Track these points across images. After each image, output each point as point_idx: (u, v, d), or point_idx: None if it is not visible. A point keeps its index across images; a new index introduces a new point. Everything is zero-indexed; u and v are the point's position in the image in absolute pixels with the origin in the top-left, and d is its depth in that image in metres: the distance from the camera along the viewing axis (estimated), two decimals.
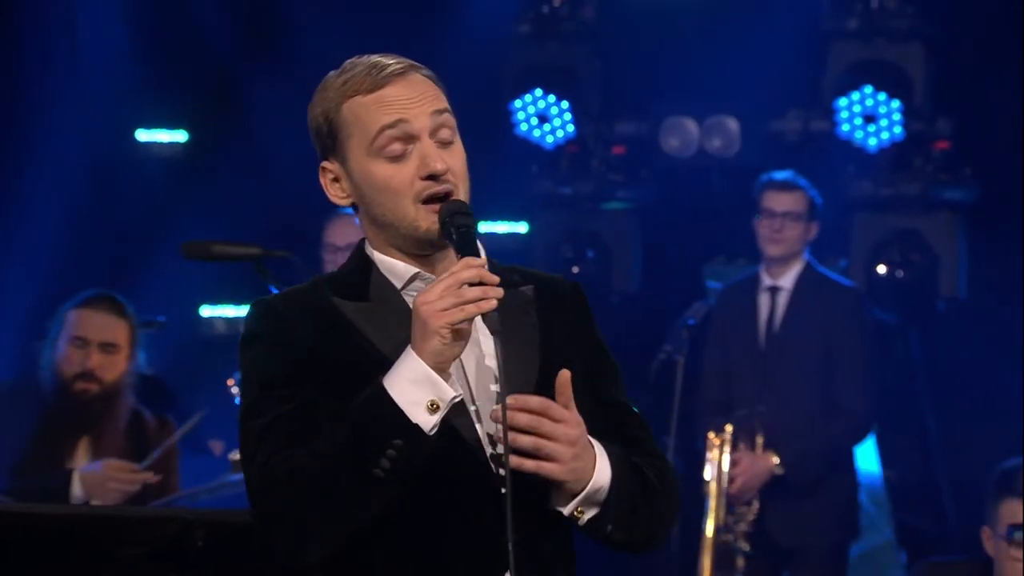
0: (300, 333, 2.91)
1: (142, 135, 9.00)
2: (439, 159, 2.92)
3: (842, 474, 7.11)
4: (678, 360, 6.94)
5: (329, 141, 2.98)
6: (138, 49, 8.48)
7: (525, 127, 8.72)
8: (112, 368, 5.76)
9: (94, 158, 8.47)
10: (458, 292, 2.78)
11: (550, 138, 8.74)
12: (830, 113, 8.31)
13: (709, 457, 6.93)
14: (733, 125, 8.42)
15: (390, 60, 2.96)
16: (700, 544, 6.85)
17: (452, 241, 2.89)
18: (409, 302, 2.90)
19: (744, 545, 6.92)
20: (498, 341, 2.81)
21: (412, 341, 2.81)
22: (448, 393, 2.80)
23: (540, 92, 8.69)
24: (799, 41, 8.21)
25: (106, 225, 8.56)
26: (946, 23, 8.31)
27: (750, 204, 7.27)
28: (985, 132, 8.18)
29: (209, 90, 8.79)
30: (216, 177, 8.45)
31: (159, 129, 9.01)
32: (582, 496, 2.88)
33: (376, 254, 2.99)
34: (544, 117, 8.72)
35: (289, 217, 7.74)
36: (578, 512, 2.90)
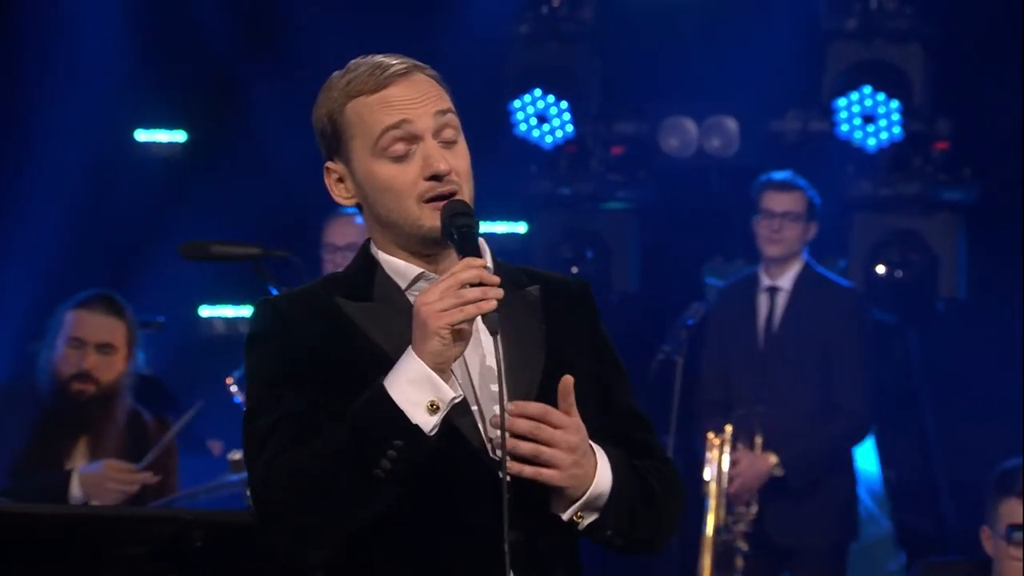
0: (304, 333, 2.91)
1: (141, 135, 9.00)
2: (442, 159, 2.91)
3: (841, 475, 7.11)
4: (677, 360, 6.93)
5: (333, 141, 2.98)
6: (137, 49, 8.48)
7: (524, 127, 8.72)
8: (109, 369, 5.75)
9: (93, 158, 8.46)
10: (458, 293, 2.77)
11: (549, 138, 8.74)
12: (829, 113, 8.31)
13: (709, 457, 6.93)
14: (732, 125, 8.41)
15: (394, 60, 2.96)
16: (700, 544, 6.85)
17: (453, 241, 2.88)
18: (413, 302, 2.90)
19: (743, 545, 6.92)
20: (497, 342, 2.81)
21: (412, 342, 2.81)
22: (448, 394, 2.80)
23: (539, 92, 8.69)
24: (798, 41, 8.21)
25: (105, 225, 8.56)
26: (945, 23, 8.31)
27: (749, 204, 7.27)
28: (984, 132, 8.17)
29: (208, 90, 8.79)
30: (215, 177, 8.44)
31: (158, 129, 9.01)
32: (581, 502, 2.88)
33: (381, 254, 2.99)
34: (543, 117, 8.71)
35: (288, 217, 7.74)
36: (577, 517, 2.89)
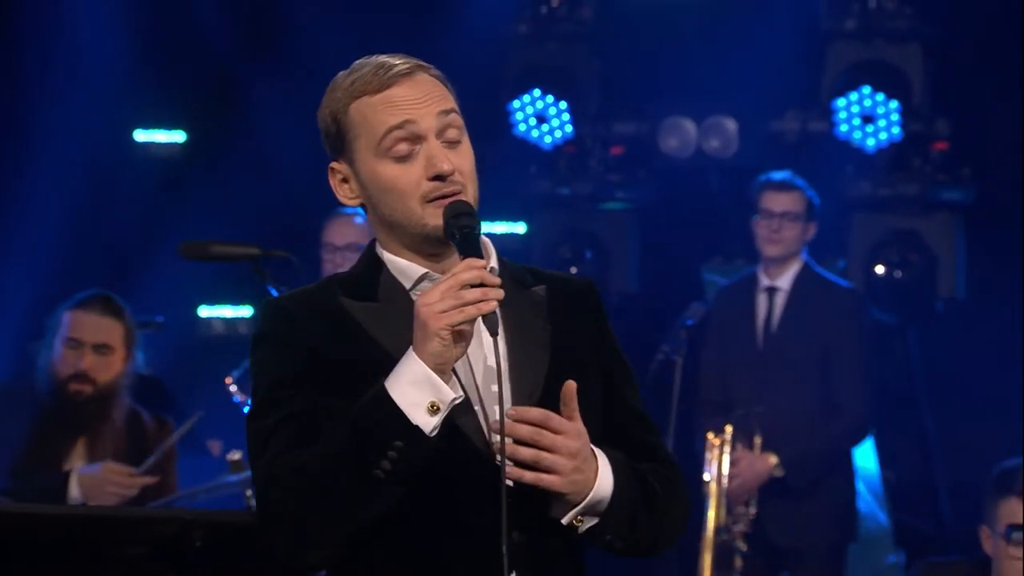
0: (308, 333, 2.91)
1: (140, 135, 9.00)
2: (445, 160, 2.91)
3: (840, 475, 7.11)
4: (676, 360, 6.93)
5: (337, 142, 2.98)
6: (137, 49, 8.48)
7: (523, 127, 8.71)
8: (107, 369, 5.74)
9: (93, 158, 8.46)
10: (458, 294, 2.77)
11: (548, 138, 8.74)
12: (828, 113, 8.31)
13: (708, 457, 6.93)
14: (731, 125, 8.41)
15: (397, 60, 2.96)
16: (700, 544, 6.85)
17: (455, 242, 2.88)
18: None
19: (742, 545, 6.92)
20: (497, 343, 2.81)
21: (413, 343, 2.81)
22: (448, 395, 2.80)
23: (538, 92, 8.68)
24: (797, 41, 8.21)
25: (104, 225, 8.56)
26: (944, 23, 8.31)
27: (748, 204, 7.27)
28: (983, 132, 8.17)
29: (208, 90, 8.79)
30: (214, 177, 8.44)
31: (157, 129, 9.00)
32: (581, 507, 2.87)
33: (386, 254, 2.99)
34: (542, 117, 8.71)
35: (288, 217, 7.74)
36: (577, 521, 2.89)
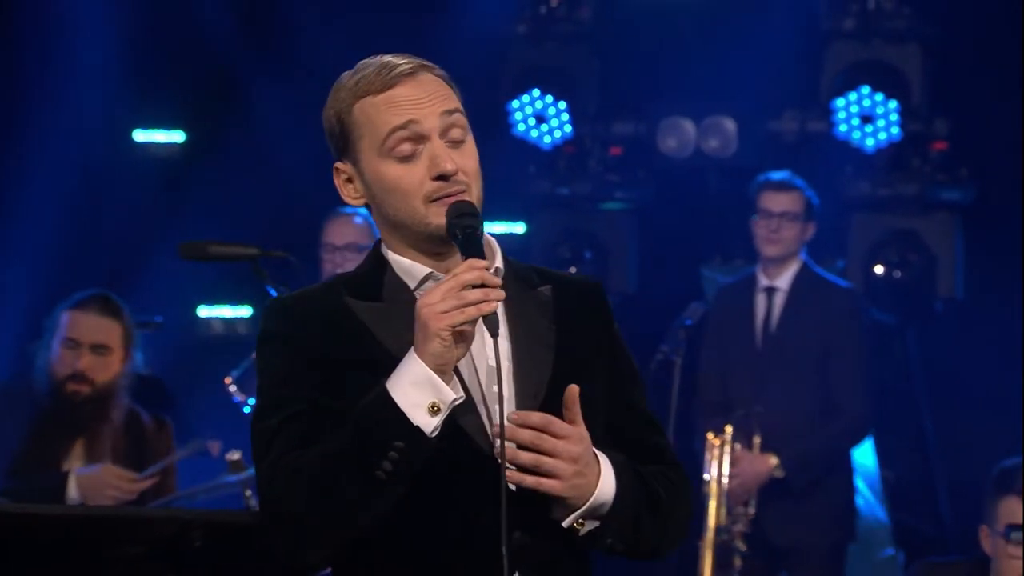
0: (313, 333, 2.91)
1: (139, 135, 8.99)
2: (449, 159, 2.91)
3: (839, 475, 7.11)
4: (675, 361, 6.92)
5: (341, 142, 2.98)
6: (136, 49, 8.47)
7: (523, 127, 8.71)
8: (104, 369, 5.73)
9: (91, 158, 8.46)
10: (459, 294, 2.77)
11: (547, 138, 8.73)
12: (827, 113, 8.30)
13: (708, 457, 6.93)
14: (730, 125, 8.41)
15: (401, 60, 2.96)
16: (700, 544, 6.85)
17: (457, 242, 2.88)
18: None
19: (741, 545, 6.92)
20: (498, 344, 2.81)
21: (414, 343, 2.81)
22: (448, 396, 2.80)
23: (537, 92, 8.68)
24: (796, 41, 8.21)
25: (103, 225, 8.55)
26: (943, 23, 8.31)
27: (747, 204, 7.27)
28: (982, 132, 8.17)
29: (207, 90, 8.78)
30: (213, 177, 8.44)
31: (156, 129, 9.00)
32: (581, 511, 2.87)
33: (391, 254, 2.99)
34: (541, 117, 8.71)
35: (287, 217, 7.74)
36: (578, 524, 2.89)
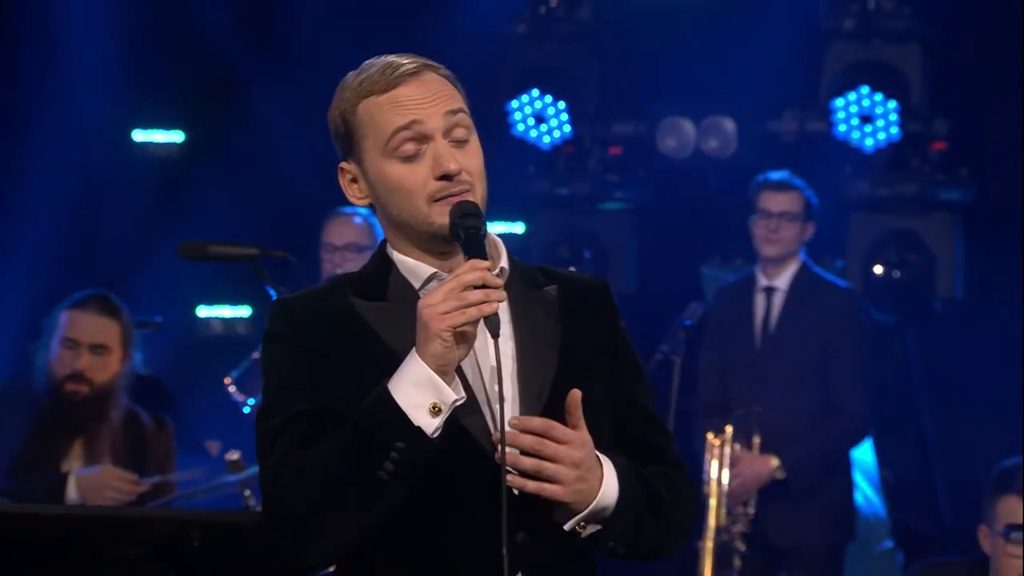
0: (317, 333, 2.91)
1: (138, 135, 8.99)
2: (452, 159, 2.91)
3: (839, 476, 7.10)
4: (675, 361, 6.92)
5: (346, 142, 2.98)
6: (136, 49, 8.47)
7: (522, 127, 8.71)
8: (103, 369, 5.73)
9: (91, 158, 8.46)
10: (460, 295, 2.77)
11: (547, 138, 8.74)
12: (827, 113, 8.31)
13: (708, 458, 6.93)
14: (730, 126, 8.41)
15: (405, 60, 2.96)
16: (700, 544, 6.85)
17: (460, 242, 2.88)
18: None
19: (741, 545, 6.91)
20: (498, 345, 2.81)
21: (416, 344, 2.81)
22: (450, 396, 2.80)
23: (537, 93, 8.69)
24: (796, 41, 8.21)
25: (103, 225, 8.55)
26: (943, 23, 8.31)
27: (746, 204, 7.27)
28: (982, 132, 8.17)
29: (206, 90, 8.78)
30: (213, 177, 8.44)
31: (156, 129, 9.00)
32: (583, 515, 2.87)
33: (395, 254, 2.99)
34: (541, 118, 8.71)
35: (286, 217, 7.74)
36: (580, 527, 2.88)
